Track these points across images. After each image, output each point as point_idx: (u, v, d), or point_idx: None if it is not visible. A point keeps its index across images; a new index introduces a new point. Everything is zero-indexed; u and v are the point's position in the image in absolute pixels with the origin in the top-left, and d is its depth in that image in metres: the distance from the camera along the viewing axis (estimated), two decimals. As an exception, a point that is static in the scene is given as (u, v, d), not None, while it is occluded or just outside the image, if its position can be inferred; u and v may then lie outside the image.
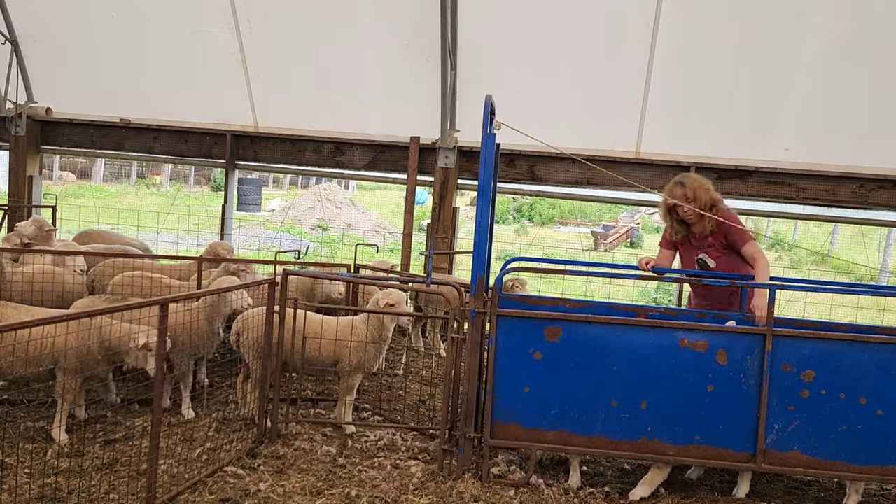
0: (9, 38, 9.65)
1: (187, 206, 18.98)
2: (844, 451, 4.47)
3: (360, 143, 9.31)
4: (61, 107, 10.09)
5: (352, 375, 5.44)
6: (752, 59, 7.91)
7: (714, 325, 4.70)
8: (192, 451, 4.89)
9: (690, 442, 4.55)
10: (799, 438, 4.49)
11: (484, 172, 4.63)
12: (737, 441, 4.53)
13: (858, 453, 4.47)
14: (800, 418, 4.49)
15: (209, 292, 5.84)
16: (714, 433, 4.54)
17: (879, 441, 4.46)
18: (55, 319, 3.71)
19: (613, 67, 8.29)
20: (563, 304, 5.16)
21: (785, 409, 4.49)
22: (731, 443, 4.54)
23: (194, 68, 9.49)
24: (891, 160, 7.98)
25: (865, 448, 4.46)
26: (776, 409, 4.49)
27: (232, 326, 5.60)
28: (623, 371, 4.57)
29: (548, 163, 8.78)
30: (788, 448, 4.51)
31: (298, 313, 5.33)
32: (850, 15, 7.46)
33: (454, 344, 4.93)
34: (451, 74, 8.51)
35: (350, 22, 8.77)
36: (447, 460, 4.82)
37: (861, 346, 4.49)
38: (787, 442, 4.50)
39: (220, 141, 9.68)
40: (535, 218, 25.81)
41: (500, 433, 4.72)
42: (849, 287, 8.33)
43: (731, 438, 4.53)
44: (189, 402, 5.54)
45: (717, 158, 8.36)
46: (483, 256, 4.76)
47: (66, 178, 26.80)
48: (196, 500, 4.27)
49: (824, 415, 4.47)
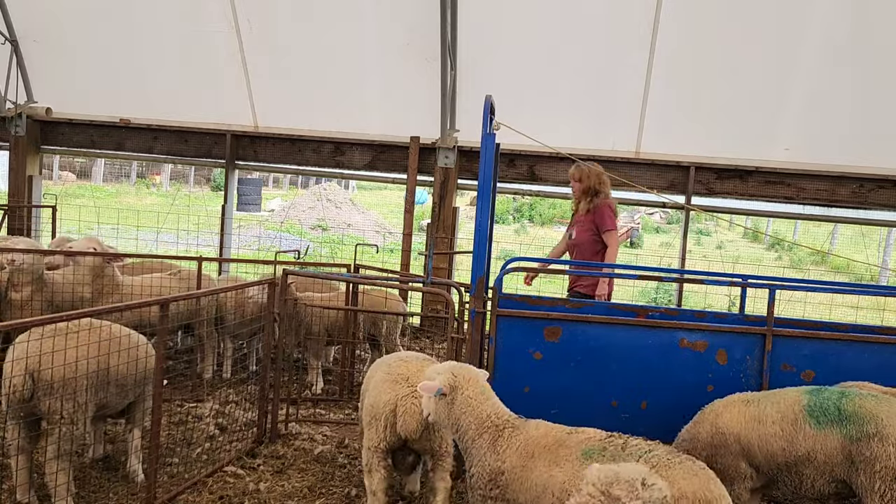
0: (9, 38, 9.65)
1: (187, 206, 18.97)
2: (844, 451, 4.46)
3: (359, 143, 9.30)
4: (61, 107, 10.09)
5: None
6: (752, 59, 7.91)
7: (714, 325, 4.70)
8: (191, 451, 4.90)
9: (690, 442, 4.54)
10: (799, 438, 4.48)
11: (484, 172, 4.62)
12: (737, 441, 4.52)
13: (858, 453, 4.46)
14: (800, 418, 4.47)
15: (209, 292, 5.86)
16: (714, 433, 4.52)
17: (879, 441, 4.45)
18: (53, 319, 3.71)
19: (614, 68, 8.29)
20: (563, 304, 5.16)
21: (785, 409, 4.48)
22: (731, 443, 4.52)
23: (194, 68, 9.49)
24: (891, 160, 7.98)
25: (865, 448, 4.45)
26: (776, 409, 4.48)
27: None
28: (623, 371, 4.57)
29: (548, 163, 8.78)
30: (788, 448, 4.49)
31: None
32: (850, 15, 7.47)
33: (454, 344, 4.92)
34: (451, 74, 8.51)
35: (350, 22, 8.78)
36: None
37: (861, 346, 4.48)
38: (787, 442, 4.49)
39: (220, 141, 9.69)
40: (535, 218, 25.80)
41: (499, 433, 4.71)
42: (849, 287, 8.32)
43: (730, 438, 4.52)
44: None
45: (717, 158, 8.37)
46: (483, 256, 4.75)
47: (66, 178, 26.79)
48: (196, 500, 4.27)
49: (824, 415, 4.46)
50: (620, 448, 3.07)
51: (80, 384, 3.85)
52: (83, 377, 3.86)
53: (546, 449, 3.18)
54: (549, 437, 3.25)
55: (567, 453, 3.11)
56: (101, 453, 4.70)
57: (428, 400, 3.45)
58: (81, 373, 3.85)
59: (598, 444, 3.12)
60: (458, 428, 3.39)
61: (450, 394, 3.39)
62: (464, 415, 3.38)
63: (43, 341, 3.79)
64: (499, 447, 3.27)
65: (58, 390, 3.78)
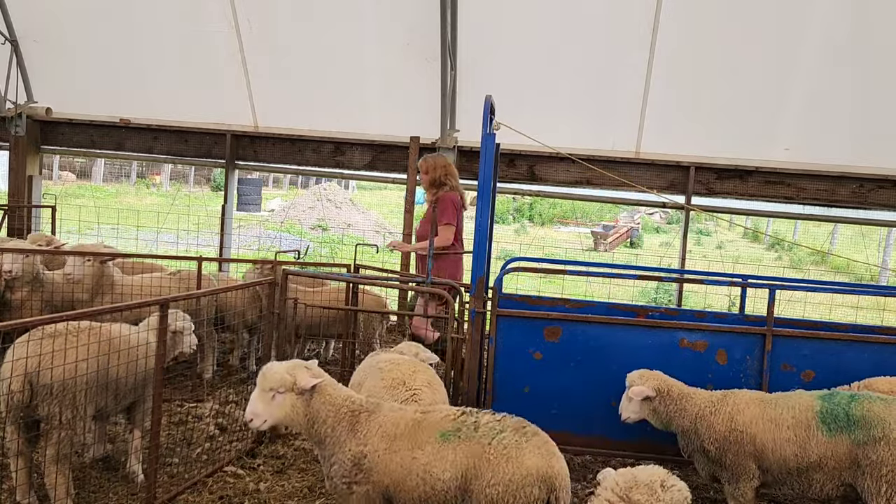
0: (9, 38, 9.65)
1: (187, 206, 18.97)
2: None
3: (359, 143, 9.30)
4: (61, 107, 10.08)
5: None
6: (752, 59, 7.91)
7: (714, 325, 4.70)
8: (191, 451, 4.90)
9: (690, 442, 4.54)
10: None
11: (484, 172, 4.62)
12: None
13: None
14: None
15: (209, 292, 5.86)
16: (714, 433, 4.53)
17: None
18: (53, 319, 3.71)
19: (614, 68, 8.29)
20: (562, 304, 5.16)
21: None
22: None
23: (194, 68, 9.48)
24: (891, 160, 7.98)
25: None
26: (776, 409, 4.48)
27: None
28: (623, 371, 4.56)
29: (548, 163, 8.78)
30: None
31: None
32: (850, 15, 7.46)
33: (454, 344, 4.92)
34: (451, 74, 8.51)
35: (350, 22, 8.77)
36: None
37: (861, 346, 4.49)
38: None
39: (220, 141, 9.68)
40: (535, 218, 25.80)
41: (499, 433, 4.71)
42: (849, 287, 8.33)
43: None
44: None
45: (717, 158, 8.37)
46: (483, 256, 4.76)
47: (65, 178, 26.80)
48: (196, 500, 4.27)
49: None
50: (473, 428, 3.21)
51: (80, 388, 3.84)
52: (83, 381, 3.86)
53: (406, 431, 3.29)
54: (406, 418, 3.34)
55: (426, 436, 3.24)
56: (102, 453, 4.70)
57: (280, 403, 3.38)
58: (81, 376, 3.84)
59: (452, 426, 3.25)
60: (315, 421, 3.39)
61: (311, 389, 3.38)
62: (322, 406, 3.39)
63: (41, 344, 3.77)
64: (359, 431, 3.33)
65: (57, 395, 3.78)
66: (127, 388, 4.24)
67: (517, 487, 2.99)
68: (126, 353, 4.18)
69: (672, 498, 2.55)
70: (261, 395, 3.39)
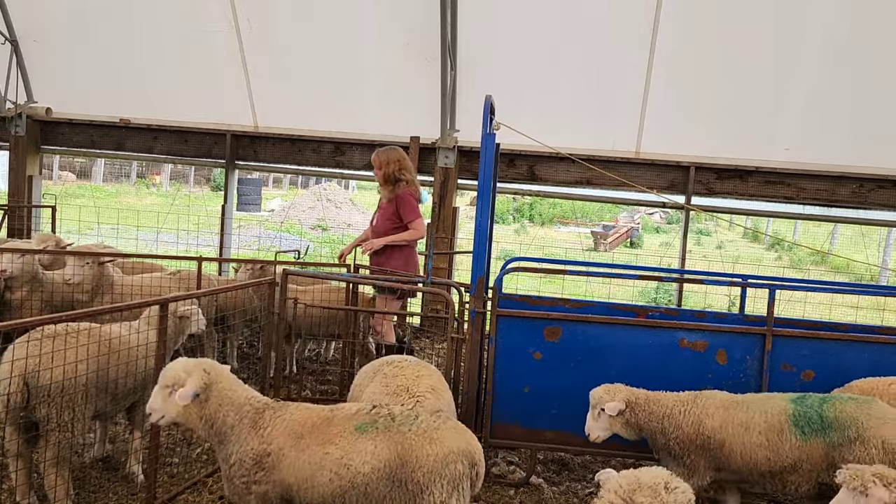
0: (9, 38, 9.65)
1: (187, 206, 18.98)
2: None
3: (359, 143, 9.30)
4: (61, 107, 10.09)
5: None
6: (752, 59, 7.91)
7: (714, 325, 4.70)
8: (191, 451, 4.90)
9: (690, 442, 4.54)
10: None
11: (484, 172, 4.62)
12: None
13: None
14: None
15: (209, 292, 5.86)
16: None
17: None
18: (55, 318, 3.70)
19: (614, 68, 8.29)
20: (562, 304, 5.16)
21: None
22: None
23: (194, 68, 9.49)
24: (891, 160, 7.98)
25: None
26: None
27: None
28: (623, 371, 4.57)
29: (548, 163, 8.78)
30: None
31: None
32: (850, 15, 7.46)
33: (454, 344, 4.92)
34: (451, 74, 8.51)
35: (350, 22, 8.77)
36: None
37: (861, 346, 4.49)
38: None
39: (220, 141, 9.68)
40: (535, 218, 25.80)
41: (499, 433, 4.72)
42: (849, 287, 8.33)
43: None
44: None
45: (717, 158, 8.37)
46: (483, 256, 4.76)
47: (65, 178, 26.80)
48: (196, 500, 4.27)
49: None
50: (390, 419, 3.23)
51: (78, 390, 3.84)
52: (81, 382, 3.85)
53: (315, 428, 3.26)
54: (315, 416, 3.32)
55: (339, 430, 3.22)
56: (102, 453, 4.70)
57: (178, 406, 3.33)
58: (79, 377, 3.83)
59: (369, 418, 3.25)
60: (214, 422, 3.35)
61: (204, 392, 3.35)
62: (221, 406, 3.36)
63: (39, 345, 3.76)
64: (261, 429, 3.29)
65: (54, 396, 3.77)
66: (126, 389, 4.24)
67: (443, 465, 3.08)
68: (125, 353, 4.18)
69: (676, 500, 2.55)
70: (160, 391, 3.36)
